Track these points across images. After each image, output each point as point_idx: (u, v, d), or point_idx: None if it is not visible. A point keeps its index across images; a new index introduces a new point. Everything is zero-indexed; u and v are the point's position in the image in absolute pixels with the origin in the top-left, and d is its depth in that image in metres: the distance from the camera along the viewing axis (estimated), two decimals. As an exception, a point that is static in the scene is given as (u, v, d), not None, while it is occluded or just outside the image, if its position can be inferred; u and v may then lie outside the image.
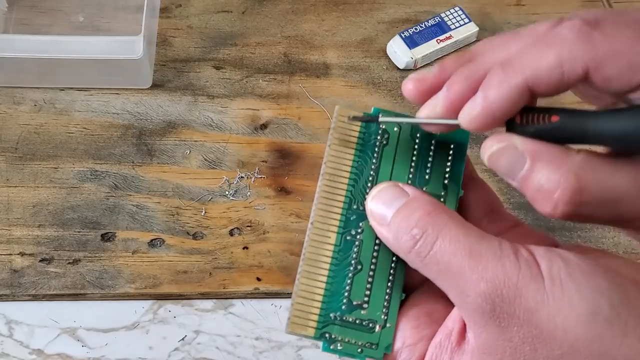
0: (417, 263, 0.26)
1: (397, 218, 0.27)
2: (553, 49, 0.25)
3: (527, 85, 0.25)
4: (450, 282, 0.25)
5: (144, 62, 0.54)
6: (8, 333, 0.48)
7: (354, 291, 0.29)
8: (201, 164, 0.54)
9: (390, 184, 0.29)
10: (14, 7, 0.60)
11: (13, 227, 0.51)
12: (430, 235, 0.26)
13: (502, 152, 0.27)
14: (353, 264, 0.29)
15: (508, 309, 0.24)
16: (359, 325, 0.29)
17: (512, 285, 0.24)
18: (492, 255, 0.25)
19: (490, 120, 0.26)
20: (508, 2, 0.63)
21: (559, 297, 0.24)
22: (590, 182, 0.25)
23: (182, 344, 0.48)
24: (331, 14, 0.62)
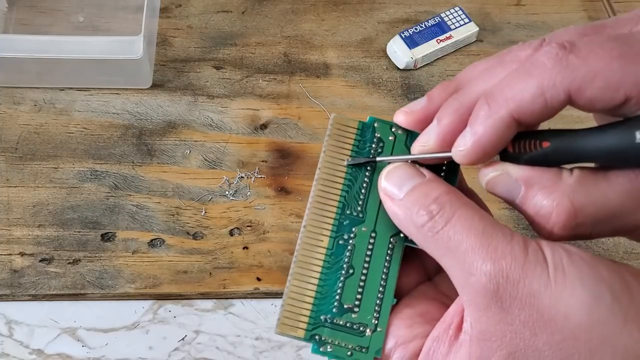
0: (427, 238, 0.27)
1: (414, 194, 0.28)
2: (533, 78, 0.26)
3: (512, 117, 0.26)
4: (458, 260, 0.26)
5: (144, 62, 0.54)
6: (8, 333, 0.48)
7: (345, 295, 0.29)
8: (201, 164, 0.54)
9: (407, 163, 0.29)
10: (14, 7, 0.60)
11: (13, 227, 0.51)
12: (448, 212, 0.27)
13: (498, 180, 0.28)
14: (345, 267, 0.29)
15: (511, 291, 0.25)
16: (350, 329, 0.29)
17: (518, 267, 0.25)
18: (503, 239, 0.26)
19: (481, 154, 0.27)
20: (508, 2, 0.63)
21: (561, 283, 0.24)
22: (584, 203, 0.26)
23: (182, 344, 0.48)
24: (331, 14, 0.62)
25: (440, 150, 0.29)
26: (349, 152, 0.31)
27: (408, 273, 0.31)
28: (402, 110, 0.30)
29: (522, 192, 0.27)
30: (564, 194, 0.26)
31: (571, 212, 0.26)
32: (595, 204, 0.26)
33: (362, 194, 0.30)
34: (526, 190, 0.27)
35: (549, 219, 0.26)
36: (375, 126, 0.31)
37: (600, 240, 0.52)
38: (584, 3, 0.63)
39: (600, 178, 0.26)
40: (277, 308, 0.50)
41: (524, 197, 0.27)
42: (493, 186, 0.28)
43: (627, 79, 0.24)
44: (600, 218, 0.26)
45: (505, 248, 0.25)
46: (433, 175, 0.29)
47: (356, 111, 0.57)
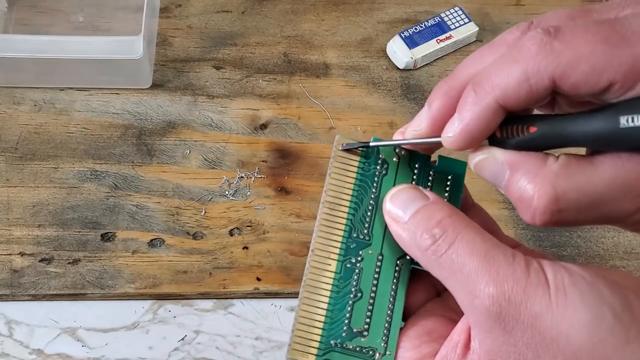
0: (431, 261, 0.27)
1: (417, 217, 0.28)
2: (518, 64, 0.26)
3: (498, 103, 0.26)
4: (461, 283, 0.26)
5: (144, 62, 0.54)
6: (8, 333, 0.48)
7: (354, 318, 0.29)
8: (201, 164, 0.54)
9: (410, 185, 0.30)
10: (14, 7, 0.60)
11: (13, 227, 0.51)
12: (450, 235, 0.27)
13: (484, 163, 0.28)
14: (353, 291, 0.30)
15: (514, 313, 0.25)
16: (360, 353, 0.29)
17: (519, 290, 0.25)
18: (505, 261, 0.26)
19: (469, 140, 0.27)
20: (508, 2, 0.63)
21: (562, 304, 0.25)
22: (566, 189, 0.26)
23: (182, 344, 0.48)
24: (331, 14, 0.62)
25: (432, 134, 0.29)
26: (354, 175, 0.31)
27: (416, 291, 0.31)
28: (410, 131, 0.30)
29: (507, 176, 0.27)
30: (546, 178, 0.26)
31: (552, 197, 0.26)
32: (579, 190, 0.26)
33: (368, 217, 0.30)
34: (511, 174, 0.27)
35: (531, 203, 0.26)
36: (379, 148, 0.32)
37: (600, 240, 0.52)
38: (584, 3, 0.63)
39: (586, 164, 0.26)
40: (277, 308, 0.50)
41: (509, 181, 0.27)
42: (480, 169, 0.28)
43: (611, 63, 0.25)
44: (584, 204, 0.26)
45: (507, 270, 0.25)
46: (436, 197, 0.29)
47: (356, 111, 0.57)
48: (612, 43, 0.25)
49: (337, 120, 0.56)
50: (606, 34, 0.25)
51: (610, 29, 0.25)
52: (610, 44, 0.25)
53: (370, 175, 0.31)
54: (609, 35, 0.25)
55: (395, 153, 0.31)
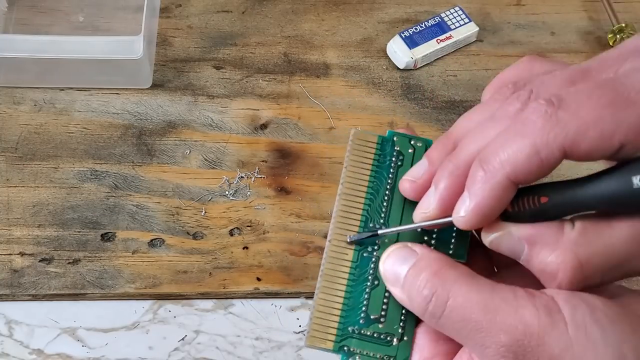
0: (432, 323, 0.27)
1: (408, 279, 0.28)
2: (526, 139, 0.25)
3: (509, 180, 0.26)
4: (468, 338, 0.26)
5: (144, 62, 0.54)
6: (8, 333, 0.48)
7: (371, 306, 0.30)
8: (201, 164, 0.54)
9: (400, 245, 0.29)
10: (14, 7, 0.60)
11: (13, 227, 0.51)
12: (441, 295, 0.26)
13: (500, 241, 0.27)
14: (370, 279, 0.30)
15: (530, 357, 0.24)
16: (377, 339, 0.29)
17: (532, 334, 0.25)
18: (508, 307, 0.25)
19: (482, 219, 0.27)
20: (508, 2, 0.63)
21: (583, 344, 0.24)
22: (589, 255, 0.25)
23: (182, 344, 0.48)
24: (331, 14, 0.62)
25: (441, 215, 0.28)
26: (370, 167, 0.31)
27: None
28: (405, 179, 0.30)
29: (526, 251, 0.27)
30: (568, 249, 0.26)
31: (577, 267, 0.25)
32: (601, 254, 0.25)
33: (384, 207, 0.31)
34: (530, 249, 0.26)
35: (556, 275, 0.26)
36: (395, 140, 0.32)
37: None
38: (584, 3, 0.63)
39: (603, 226, 0.26)
40: (277, 308, 0.50)
41: (529, 255, 0.27)
42: (497, 246, 0.28)
43: (619, 126, 0.24)
44: (608, 267, 0.26)
45: (514, 318, 0.25)
46: (424, 250, 0.29)
47: (356, 111, 0.57)
48: (618, 106, 0.24)
49: (337, 120, 0.56)
50: (610, 97, 0.24)
51: (613, 91, 0.25)
52: (616, 107, 0.24)
53: (385, 167, 0.31)
54: (613, 98, 0.24)
55: (410, 145, 0.32)
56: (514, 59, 0.63)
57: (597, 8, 0.62)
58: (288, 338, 0.49)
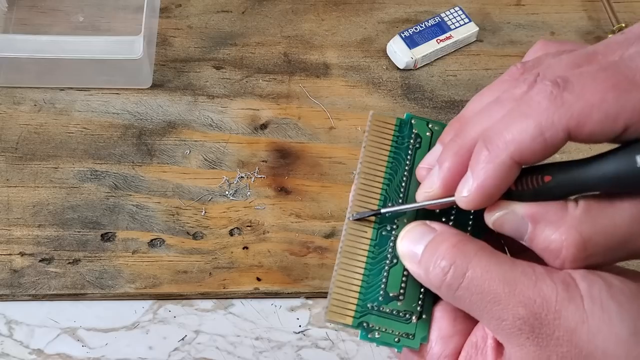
0: (449, 296, 0.27)
1: (426, 253, 0.28)
2: (530, 119, 0.25)
3: (513, 160, 0.26)
4: (485, 311, 0.26)
5: (144, 62, 0.54)
6: (8, 333, 0.48)
7: (390, 283, 0.30)
8: (201, 164, 0.54)
9: (418, 222, 0.29)
10: (14, 7, 0.60)
11: (13, 227, 0.51)
12: (460, 267, 0.26)
13: (504, 220, 0.27)
14: (389, 257, 0.30)
15: (547, 330, 0.25)
16: (396, 316, 0.30)
17: (550, 307, 0.25)
18: (527, 281, 0.25)
19: (485, 199, 0.27)
20: (508, 2, 0.63)
21: (598, 317, 0.24)
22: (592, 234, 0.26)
23: (182, 344, 0.48)
24: (331, 14, 0.62)
25: (445, 194, 0.29)
26: (389, 147, 0.32)
27: None
28: (421, 167, 0.31)
29: (530, 229, 0.27)
30: (572, 227, 0.26)
31: (580, 245, 0.26)
32: (604, 233, 0.26)
33: (403, 187, 0.31)
34: (533, 227, 0.27)
35: (559, 253, 0.26)
36: (413, 123, 0.32)
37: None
38: (584, 3, 0.63)
39: (606, 206, 0.26)
40: (277, 308, 0.50)
41: (532, 234, 0.27)
42: (500, 225, 0.28)
43: (624, 108, 0.24)
44: (611, 246, 0.26)
45: (533, 292, 0.25)
46: (443, 227, 0.29)
47: (356, 111, 0.57)
48: (622, 88, 0.24)
49: (337, 120, 0.56)
50: (615, 79, 0.25)
51: (617, 73, 0.25)
52: (621, 90, 0.24)
53: (404, 149, 0.32)
54: (618, 81, 0.24)
55: (428, 128, 0.32)
56: (514, 59, 0.64)
57: (597, 8, 0.62)
58: (288, 338, 0.49)
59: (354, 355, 0.48)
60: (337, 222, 0.52)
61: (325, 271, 0.50)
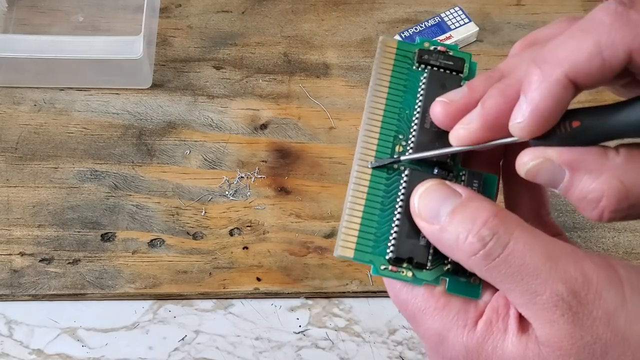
0: (481, 265, 0.25)
1: (456, 218, 0.26)
2: (589, 36, 0.24)
3: (568, 78, 0.24)
4: (520, 283, 0.25)
5: (144, 62, 0.54)
6: (8, 333, 0.48)
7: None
8: (201, 164, 0.54)
9: (437, 181, 0.27)
10: (14, 7, 0.60)
11: (13, 227, 0.51)
12: (502, 237, 0.25)
13: (539, 168, 0.26)
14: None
15: (584, 310, 0.24)
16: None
17: (591, 287, 0.24)
18: (569, 258, 0.25)
19: (541, 123, 0.25)
20: (508, 2, 0.63)
21: (637, 304, 0.24)
22: (635, 183, 0.24)
23: (182, 344, 0.48)
24: (331, 14, 0.62)
25: (483, 133, 0.26)
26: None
27: None
28: (439, 100, 0.28)
29: (567, 178, 0.25)
30: (613, 175, 0.24)
31: (622, 194, 0.24)
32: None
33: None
34: (571, 175, 0.25)
35: (598, 203, 0.25)
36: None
37: (600, 240, 0.52)
38: (584, 3, 0.63)
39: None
40: (277, 308, 0.50)
41: (569, 182, 0.25)
42: (535, 175, 0.26)
43: None
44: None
45: (575, 269, 0.24)
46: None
47: (356, 111, 0.57)
48: None
49: (337, 120, 0.56)
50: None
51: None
52: None
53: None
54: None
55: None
56: (514, 59, 0.63)
57: (597, 8, 0.62)
58: (288, 338, 0.49)
59: (354, 356, 0.48)
60: (337, 222, 0.52)
61: (325, 271, 0.50)
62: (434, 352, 0.28)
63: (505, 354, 0.26)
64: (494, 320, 0.26)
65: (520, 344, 0.25)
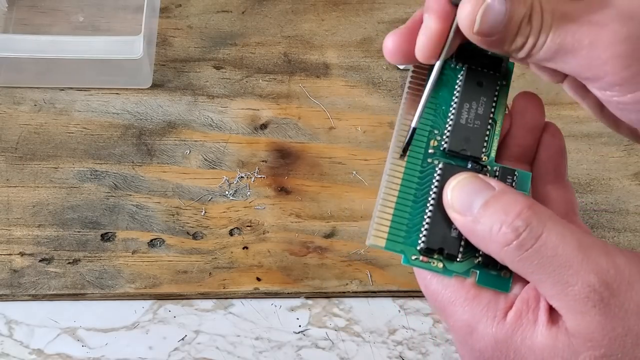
0: (513, 256, 0.26)
1: (490, 210, 0.26)
2: None
3: None
4: (551, 274, 0.25)
5: (144, 62, 0.54)
6: (8, 333, 0.48)
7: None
8: (201, 164, 0.54)
9: (471, 174, 0.28)
10: (14, 7, 0.60)
11: (13, 227, 0.51)
12: (536, 228, 0.25)
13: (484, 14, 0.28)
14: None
15: (616, 302, 0.24)
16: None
17: (623, 279, 0.24)
18: (601, 251, 0.25)
19: None
20: (508, 2, 0.63)
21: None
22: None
23: (182, 344, 0.48)
24: (331, 14, 0.62)
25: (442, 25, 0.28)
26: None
27: None
28: (390, 34, 0.30)
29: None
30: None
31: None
32: None
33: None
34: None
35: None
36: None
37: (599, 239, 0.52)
38: None
39: None
40: (277, 308, 0.50)
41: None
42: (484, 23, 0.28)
43: None
44: None
45: (607, 261, 0.25)
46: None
47: (356, 111, 0.57)
48: None
49: (337, 120, 0.56)
50: None
51: None
52: None
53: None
54: None
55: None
56: (514, 59, 0.63)
57: (597, 8, 0.62)
58: (288, 338, 0.49)
59: (354, 356, 0.48)
60: (337, 222, 0.52)
61: (325, 271, 0.50)
62: (462, 344, 0.28)
63: (534, 345, 0.26)
64: (524, 311, 0.26)
65: (550, 335, 0.26)
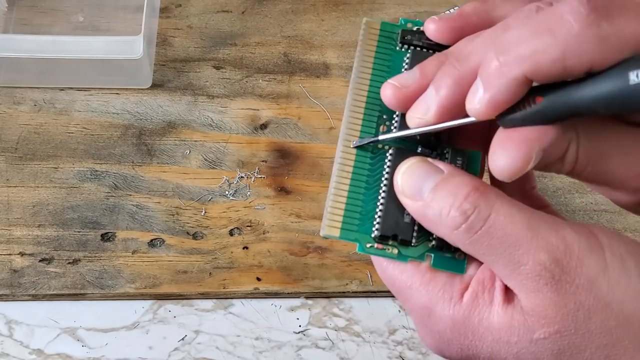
0: (464, 239, 0.26)
1: (439, 194, 0.26)
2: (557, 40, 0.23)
3: (526, 77, 0.24)
4: (502, 255, 0.25)
5: (144, 62, 0.54)
6: (8, 333, 0.48)
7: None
8: (201, 164, 0.54)
9: (420, 159, 0.28)
10: (14, 7, 0.60)
11: (13, 227, 0.51)
12: (484, 209, 0.25)
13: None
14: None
15: (567, 277, 0.24)
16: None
17: (573, 255, 0.24)
18: (550, 227, 0.25)
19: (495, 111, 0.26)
20: (508, 2, 0.63)
21: (618, 270, 0.24)
22: None
23: (182, 344, 0.48)
24: (331, 14, 0.62)
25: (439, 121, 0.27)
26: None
27: None
28: (389, 83, 0.29)
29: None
30: None
31: None
32: None
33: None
34: None
35: None
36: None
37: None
38: (584, 3, 0.63)
39: None
40: (277, 308, 0.50)
41: None
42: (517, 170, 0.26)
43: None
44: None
45: (556, 238, 0.25)
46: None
47: (356, 111, 0.56)
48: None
49: (337, 120, 0.56)
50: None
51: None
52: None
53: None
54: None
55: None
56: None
57: (597, 8, 0.62)
58: (288, 338, 0.49)
59: (353, 355, 0.48)
60: (337, 222, 0.52)
61: (325, 271, 0.50)
62: (422, 326, 0.28)
63: (491, 324, 0.26)
64: (480, 292, 0.27)
65: (506, 315, 0.26)
